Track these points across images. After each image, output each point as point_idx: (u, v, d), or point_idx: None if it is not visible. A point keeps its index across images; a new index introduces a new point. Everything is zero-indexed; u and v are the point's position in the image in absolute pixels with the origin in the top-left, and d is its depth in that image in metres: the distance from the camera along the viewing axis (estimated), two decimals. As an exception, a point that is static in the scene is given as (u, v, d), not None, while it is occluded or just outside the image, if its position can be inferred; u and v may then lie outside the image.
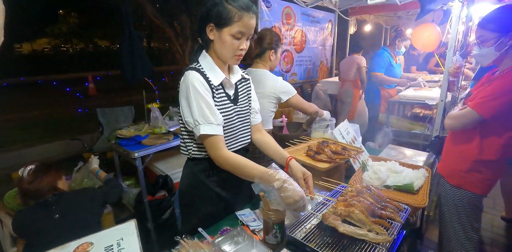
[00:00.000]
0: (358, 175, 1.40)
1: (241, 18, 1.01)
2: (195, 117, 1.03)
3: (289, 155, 1.21)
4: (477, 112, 1.30)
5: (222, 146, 1.06)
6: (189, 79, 1.04)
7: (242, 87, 1.26)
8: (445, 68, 1.72)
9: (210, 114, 1.04)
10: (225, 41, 1.05)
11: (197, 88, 1.03)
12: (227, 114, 1.14)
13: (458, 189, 1.49)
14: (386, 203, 1.06)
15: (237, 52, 1.08)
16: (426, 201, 1.15)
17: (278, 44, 1.70)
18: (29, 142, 4.64)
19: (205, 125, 1.03)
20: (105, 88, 9.15)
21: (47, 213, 1.45)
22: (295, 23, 3.88)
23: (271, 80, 1.67)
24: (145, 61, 2.51)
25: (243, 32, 1.04)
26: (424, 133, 2.64)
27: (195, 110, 1.03)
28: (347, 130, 1.77)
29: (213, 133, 1.04)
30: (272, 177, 0.95)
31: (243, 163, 1.05)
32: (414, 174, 1.37)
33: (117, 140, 2.51)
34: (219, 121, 1.06)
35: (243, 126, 1.25)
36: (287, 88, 1.71)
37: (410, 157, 1.84)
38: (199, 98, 1.03)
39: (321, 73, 4.79)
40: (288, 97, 1.71)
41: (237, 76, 1.23)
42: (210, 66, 1.11)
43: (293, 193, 0.92)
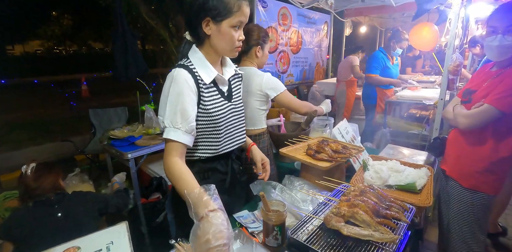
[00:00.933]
0: (359, 175, 1.36)
1: (240, 7, 0.97)
2: (165, 119, 0.98)
3: (251, 142, 1.31)
4: (496, 108, 1.22)
5: (176, 153, 0.97)
6: (173, 77, 0.98)
7: (235, 84, 1.21)
8: (445, 66, 1.70)
9: (180, 119, 0.97)
10: (225, 33, 0.99)
11: (179, 89, 0.97)
12: (222, 112, 1.09)
13: (471, 191, 1.41)
14: (391, 202, 1.02)
15: (237, 44, 1.04)
16: (430, 201, 1.11)
17: (265, 40, 1.61)
18: (19, 143, 4.52)
19: (171, 129, 0.97)
20: (98, 90, 9.03)
21: (49, 212, 1.41)
22: (291, 24, 3.87)
23: (256, 76, 1.57)
24: (139, 59, 2.46)
25: (242, 22, 1.00)
26: (422, 133, 2.62)
27: (166, 113, 0.97)
28: (346, 129, 1.74)
29: (174, 139, 0.96)
30: (197, 200, 0.78)
31: (180, 175, 0.93)
32: (416, 173, 1.34)
33: (109, 140, 2.44)
34: (187, 129, 0.98)
35: (239, 123, 1.20)
36: (275, 84, 1.58)
37: (410, 156, 1.81)
38: (176, 100, 0.97)
39: (317, 75, 4.78)
40: (276, 94, 1.58)
41: (231, 71, 1.17)
42: (201, 62, 1.05)
43: (214, 229, 0.70)
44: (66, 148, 3.84)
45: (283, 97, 1.60)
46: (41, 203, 1.41)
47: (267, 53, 1.66)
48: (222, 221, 0.73)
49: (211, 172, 1.15)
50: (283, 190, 1.22)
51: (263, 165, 1.24)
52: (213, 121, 1.07)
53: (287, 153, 1.38)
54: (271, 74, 1.64)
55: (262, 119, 1.65)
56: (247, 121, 1.63)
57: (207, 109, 1.05)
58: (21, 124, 5.73)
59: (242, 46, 1.57)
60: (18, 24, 13.90)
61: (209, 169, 1.14)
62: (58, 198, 1.44)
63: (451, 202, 1.52)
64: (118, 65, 2.32)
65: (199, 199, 0.78)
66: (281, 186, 1.24)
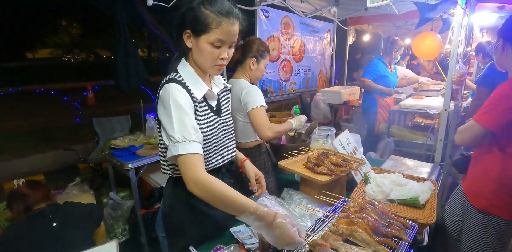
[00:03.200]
0: (360, 188, 1.32)
1: (220, 25, 0.90)
2: (175, 134, 0.90)
3: (244, 157, 1.28)
4: (479, 124, 1.20)
5: (202, 167, 0.90)
6: (170, 92, 0.93)
7: (224, 98, 1.18)
8: (448, 76, 1.67)
9: (193, 130, 0.93)
10: (202, 49, 0.94)
11: (180, 102, 0.93)
12: (212, 128, 1.06)
13: (483, 213, 1.32)
14: (392, 219, 0.98)
15: (217, 62, 0.98)
16: (434, 217, 1.07)
17: (262, 55, 1.56)
18: (22, 151, 4.55)
19: (185, 143, 0.90)
20: (104, 98, 9.13)
21: (45, 222, 1.41)
22: (294, 33, 3.88)
23: (239, 88, 1.50)
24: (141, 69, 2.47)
25: (222, 40, 0.93)
26: (427, 142, 2.57)
27: (175, 127, 0.90)
28: (347, 140, 1.70)
29: (193, 152, 0.90)
30: (259, 216, 0.82)
31: (230, 193, 0.86)
32: (419, 187, 1.30)
33: (111, 150, 2.44)
34: (200, 139, 0.95)
35: (228, 138, 1.17)
36: (252, 97, 1.45)
37: (414, 168, 1.76)
38: (182, 113, 0.92)
39: (320, 83, 4.77)
40: (250, 108, 1.44)
41: (220, 85, 1.15)
42: (191, 77, 1.01)
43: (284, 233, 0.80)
44: (69, 156, 3.86)
45: (253, 113, 1.44)
46: (35, 216, 1.40)
47: (263, 68, 1.60)
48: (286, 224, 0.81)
49: None
50: (281, 205, 1.19)
51: (258, 180, 1.22)
52: (204, 137, 1.03)
53: (285, 166, 1.35)
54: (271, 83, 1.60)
55: (252, 132, 1.60)
56: (240, 135, 1.61)
57: (200, 124, 1.01)
58: (25, 132, 5.80)
59: (237, 54, 1.56)
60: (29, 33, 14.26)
61: None
62: (51, 209, 1.45)
63: (464, 225, 1.42)
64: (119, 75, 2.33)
65: (259, 215, 0.82)
66: (279, 200, 1.21)
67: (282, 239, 0.80)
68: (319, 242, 0.85)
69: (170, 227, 1.17)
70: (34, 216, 1.43)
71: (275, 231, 0.81)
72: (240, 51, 1.56)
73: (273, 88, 3.78)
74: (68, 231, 1.43)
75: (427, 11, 2.37)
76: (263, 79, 3.56)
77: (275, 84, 3.79)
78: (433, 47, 3.21)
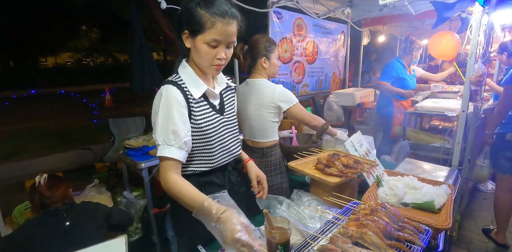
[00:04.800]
0: (372, 191, 1.29)
1: (214, 25, 0.91)
2: (158, 136, 0.96)
3: (248, 157, 1.29)
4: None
5: (173, 170, 0.96)
6: (162, 95, 0.97)
7: (228, 97, 1.19)
8: (466, 77, 1.61)
9: (172, 135, 0.95)
10: (199, 49, 0.96)
11: (169, 106, 0.95)
12: (213, 126, 1.07)
13: None
14: (404, 223, 0.95)
15: (214, 62, 0.99)
16: (449, 222, 1.03)
17: (270, 50, 1.57)
18: (43, 151, 4.74)
19: (164, 146, 0.95)
20: (121, 99, 9.38)
21: (58, 221, 1.45)
22: (307, 34, 3.86)
23: (268, 88, 1.57)
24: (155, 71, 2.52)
25: (218, 40, 0.94)
26: (444, 146, 2.48)
27: (159, 130, 0.96)
28: (360, 142, 1.67)
29: (169, 156, 0.95)
30: (207, 209, 0.82)
31: (182, 192, 0.93)
32: (435, 190, 1.25)
33: (125, 150, 2.49)
34: (181, 145, 0.97)
35: (233, 136, 1.18)
36: (287, 96, 1.58)
37: (430, 172, 1.70)
38: (167, 117, 0.95)
39: (333, 85, 4.71)
40: (289, 106, 1.57)
41: (222, 85, 1.16)
42: (190, 77, 1.03)
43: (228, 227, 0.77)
44: (86, 155, 3.97)
45: (295, 109, 1.59)
46: (50, 213, 1.44)
47: (276, 62, 1.61)
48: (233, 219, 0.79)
49: (208, 185, 1.12)
50: (290, 206, 1.18)
51: (260, 182, 1.22)
52: (205, 136, 1.06)
53: (295, 167, 1.33)
54: (284, 85, 1.64)
55: (275, 132, 1.63)
56: (257, 134, 1.62)
57: (198, 124, 1.03)
58: (46, 133, 6.03)
59: (248, 60, 1.58)
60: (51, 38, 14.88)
61: (205, 182, 1.12)
62: (66, 208, 1.48)
63: None
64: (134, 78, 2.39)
65: (209, 211, 0.82)
66: (288, 201, 1.20)
67: (225, 234, 0.77)
68: (328, 246, 0.84)
69: (179, 225, 1.18)
70: (49, 213, 1.46)
71: (220, 225, 0.79)
72: (249, 56, 1.58)
73: (285, 90, 3.76)
74: (80, 231, 1.45)
75: (444, 10, 2.30)
76: (276, 81, 3.56)
77: (287, 86, 3.77)
78: (451, 47, 3.11)
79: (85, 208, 1.59)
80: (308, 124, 1.68)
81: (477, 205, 2.89)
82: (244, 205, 1.27)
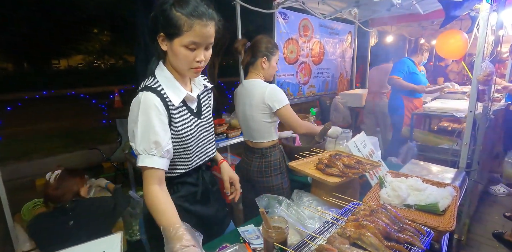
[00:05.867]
0: (375, 192, 1.26)
1: (192, 27, 0.88)
2: (138, 146, 0.93)
3: (222, 158, 1.28)
4: None
5: (154, 181, 0.94)
6: (141, 103, 0.92)
7: (204, 98, 1.17)
8: (474, 76, 1.57)
9: (154, 145, 0.92)
10: (177, 53, 0.92)
11: (149, 115, 0.92)
12: (191, 130, 1.05)
13: None
14: (405, 224, 0.92)
15: (193, 65, 0.95)
16: (453, 224, 1.00)
17: (272, 52, 1.56)
18: (54, 151, 4.84)
19: (145, 156, 0.92)
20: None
21: (63, 219, 1.49)
22: (313, 35, 3.84)
23: (260, 89, 1.53)
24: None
25: (197, 43, 0.91)
26: (453, 147, 2.42)
27: (139, 139, 0.92)
28: (364, 143, 1.64)
29: (150, 166, 0.92)
30: (172, 236, 0.81)
31: (158, 207, 0.91)
32: (440, 192, 1.22)
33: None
34: (162, 154, 0.94)
35: (208, 138, 1.16)
36: (277, 96, 1.51)
37: (436, 174, 1.67)
38: (147, 126, 0.92)
39: (340, 86, 4.67)
40: (278, 107, 1.50)
41: (200, 86, 1.13)
42: (169, 82, 0.99)
43: None
44: (94, 155, 4.04)
45: (283, 111, 1.52)
46: (58, 210, 1.49)
47: (274, 65, 1.61)
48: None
49: (181, 185, 1.11)
50: (290, 206, 1.17)
51: (232, 183, 1.23)
52: (183, 142, 1.03)
53: (296, 167, 1.32)
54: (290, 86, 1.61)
55: (272, 132, 1.60)
56: (256, 134, 1.61)
57: (177, 131, 1.01)
58: (57, 133, 6.16)
59: (248, 57, 1.57)
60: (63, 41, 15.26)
61: (178, 182, 1.10)
62: (72, 206, 1.51)
63: None
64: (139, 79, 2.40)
65: (174, 235, 0.80)
66: (288, 201, 1.19)
67: None
68: (325, 246, 0.82)
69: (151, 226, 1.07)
70: (56, 210, 1.50)
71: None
72: (250, 53, 1.57)
73: (291, 91, 3.75)
74: (83, 229, 1.48)
75: (452, 9, 2.25)
76: (281, 82, 3.55)
77: (293, 87, 3.76)
78: (458, 46, 3.04)
79: (90, 205, 1.61)
80: (294, 130, 1.59)
81: (487, 208, 2.81)
82: (222, 202, 1.31)
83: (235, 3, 2.71)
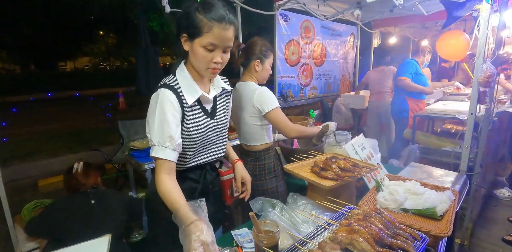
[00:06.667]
0: (371, 196, 1.24)
1: (211, 29, 0.94)
2: (153, 138, 1.00)
3: (237, 158, 1.33)
4: None
5: (165, 171, 1.01)
6: (159, 98, 1.00)
7: (221, 101, 1.21)
8: (474, 78, 1.54)
9: (168, 138, 0.99)
10: (196, 53, 0.99)
11: (165, 110, 0.99)
12: (201, 130, 1.10)
13: None
14: (399, 229, 0.90)
15: (210, 65, 1.01)
16: (449, 230, 0.97)
17: (266, 55, 1.54)
18: (56, 151, 4.88)
19: (159, 148, 0.99)
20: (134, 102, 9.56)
21: (85, 198, 1.60)
22: (315, 37, 3.83)
23: (250, 91, 1.51)
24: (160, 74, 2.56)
25: (215, 44, 0.97)
26: (455, 150, 2.37)
27: (155, 131, 0.99)
28: (362, 145, 1.62)
29: (163, 157, 0.99)
30: (180, 216, 0.86)
31: (168, 193, 0.97)
32: (438, 196, 1.19)
33: (130, 151, 2.53)
34: (175, 147, 1.01)
35: (219, 139, 1.20)
36: (266, 99, 1.46)
37: (436, 177, 1.63)
38: (163, 120, 0.99)
39: (342, 87, 4.65)
40: (268, 110, 1.46)
41: (218, 89, 1.17)
42: (186, 81, 1.06)
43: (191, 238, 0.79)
44: (96, 157, 4.06)
45: (273, 115, 1.47)
46: (79, 193, 1.61)
47: (268, 68, 1.59)
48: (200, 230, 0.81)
49: (182, 180, 1.13)
50: (283, 209, 1.15)
51: (244, 183, 1.27)
52: (191, 139, 1.08)
53: (291, 170, 1.31)
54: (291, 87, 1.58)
55: (264, 135, 1.57)
56: (248, 137, 1.60)
57: (187, 128, 1.06)
58: (60, 134, 6.22)
59: (241, 58, 1.56)
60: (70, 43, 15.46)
61: (181, 177, 1.12)
62: (93, 191, 1.64)
63: None
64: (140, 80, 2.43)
65: (183, 215, 0.86)
66: (281, 204, 1.17)
67: (185, 248, 0.80)
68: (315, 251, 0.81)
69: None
70: (79, 194, 1.61)
71: (183, 236, 0.82)
72: (243, 55, 1.56)
73: (292, 93, 3.74)
74: (105, 208, 1.59)
75: (454, 9, 2.22)
76: (282, 83, 3.54)
77: (295, 89, 3.75)
78: (459, 47, 2.99)
79: (109, 193, 1.75)
80: (284, 134, 1.52)
81: (491, 213, 2.75)
82: (220, 204, 1.35)
83: (235, 5, 2.71)
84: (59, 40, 14.24)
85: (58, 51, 16.48)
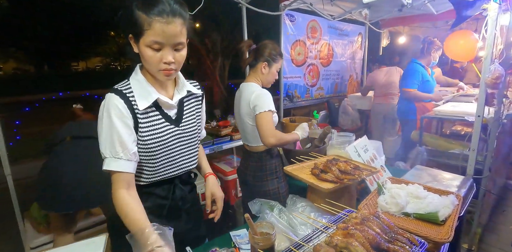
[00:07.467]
0: (372, 199, 1.23)
1: (151, 25, 0.82)
2: (103, 149, 0.90)
3: (209, 171, 1.21)
4: None
5: (122, 185, 0.90)
6: (105, 105, 0.90)
7: (189, 106, 1.08)
8: (482, 79, 1.50)
9: (120, 148, 0.89)
10: (143, 54, 0.87)
11: (112, 116, 0.88)
12: (161, 140, 0.98)
13: None
14: (397, 234, 0.89)
15: (161, 66, 0.89)
16: (450, 236, 0.95)
17: (274, 59, 1.54)
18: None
19: (111, 159, 0.89)
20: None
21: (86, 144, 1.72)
22: (321, 37, 3.80)
23: (249, 92, 1.50)
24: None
25: (159, 42, 0.85)
26: (464, 153, 2.31)
27: (105, 142, 0.89)
28: (365, 147, 1.60)
29: (117, 170, 0.89)
30: (143, 238, 0.78)
31: (128, 212, 0.88)
32: (441, 200, 1.16)
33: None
34: (129, 157, 0.90)
35: (186, 148, 1.07)
36: (261, 101, 1.44)
37: (441, 181, 1.60)
38: (111, 128, 0.89)
39: (350, 88, 4.60)
40: (258, 112, 1.43)
41: (182, 92, 1.04)
42: (140, 85, 0.94)
43: None
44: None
45: (260, 118, 1.44)
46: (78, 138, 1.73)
47: (275, 72, 1.58)
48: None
49: (147, 195, 1.03)
50: (282, 211, 1.14)
51: (215, 201, 1.14)
52: (149, 150, 0.97)
53: (291, 171, 1.30)
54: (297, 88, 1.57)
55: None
56: (250, 138, 1.60)
57: (142, 137, 0.95)
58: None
59: (250, 58, 1.56)
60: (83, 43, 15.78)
61: (145, 192, 1.02)
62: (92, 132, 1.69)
63: None
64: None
65: (146, 239, 0.78)
66: (280, 206, 1.17)
67: None
68: None
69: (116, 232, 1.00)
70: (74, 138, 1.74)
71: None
72: (252, 55, 1.57)
73: (299, 93, 3.72)
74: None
75: (463, 8, 2.16)
76: (288, 84, 3.53)
77: (301, 89, 3.73)
78: (468, 47, 2.90)
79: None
80: (261, 139, 1.46)
81: (500, 218, 2.68)
82: (198, 218, 1.21)
83: (241, 6, 2.71)
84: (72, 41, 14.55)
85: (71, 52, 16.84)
